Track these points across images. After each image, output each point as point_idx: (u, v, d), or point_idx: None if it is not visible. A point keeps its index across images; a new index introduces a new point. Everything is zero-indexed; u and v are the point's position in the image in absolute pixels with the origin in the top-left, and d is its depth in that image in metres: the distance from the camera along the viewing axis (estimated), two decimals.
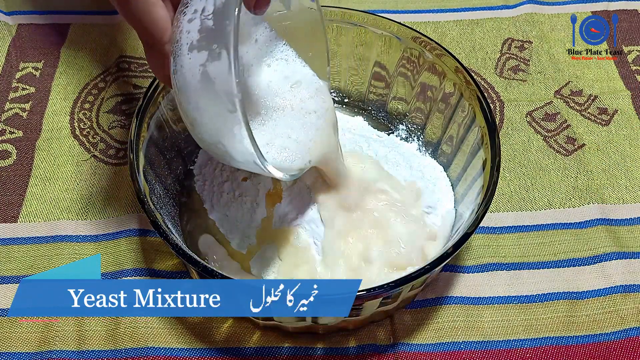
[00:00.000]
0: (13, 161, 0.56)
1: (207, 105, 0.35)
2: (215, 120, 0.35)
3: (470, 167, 0.48)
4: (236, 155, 0.36)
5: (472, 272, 0.50)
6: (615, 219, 0.53)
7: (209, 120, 0.36)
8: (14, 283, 0.49)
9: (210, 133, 0.36)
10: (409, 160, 0.52)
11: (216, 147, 0.37)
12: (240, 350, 0.46)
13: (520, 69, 0.64)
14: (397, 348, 0.47)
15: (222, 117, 0.35)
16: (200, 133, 0.37)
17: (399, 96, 0.56)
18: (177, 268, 0.50)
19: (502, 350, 0.47)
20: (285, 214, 0.48)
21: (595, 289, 0.49)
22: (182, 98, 0.36)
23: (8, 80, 0.62)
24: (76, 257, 0.51)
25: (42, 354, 0.46)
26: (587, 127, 0.60)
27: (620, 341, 0.47)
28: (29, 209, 0.53)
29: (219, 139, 0.36)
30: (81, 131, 0.59)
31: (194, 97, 0.35)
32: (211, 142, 0.37)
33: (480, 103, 0.47)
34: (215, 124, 0.36)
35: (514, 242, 0.52)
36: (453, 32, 0.68)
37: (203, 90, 0.35)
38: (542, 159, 0.57)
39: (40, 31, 0.67)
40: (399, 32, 0.51)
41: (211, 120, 0.36)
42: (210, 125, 0.36)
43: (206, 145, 0.38)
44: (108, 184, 0.55)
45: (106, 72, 0.63)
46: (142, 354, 0.46)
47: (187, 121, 0.37)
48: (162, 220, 0.42)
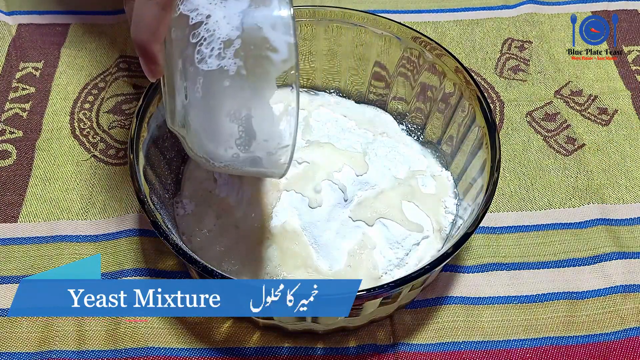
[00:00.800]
0: (13, 161, 0.56)
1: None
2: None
3: (470, 167, 0.48)
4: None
5: (472, 272, 0.50)
6: (615, 219, 0.53)
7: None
8: (14, 283, 0.49)
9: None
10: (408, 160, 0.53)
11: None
12: (240, 350, 0.46)
13: (520, 69, 0.64)
14: (397, 348, 0.47)
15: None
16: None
17: (399, 96, 0.56)
18: (177, 268, 0.50)
19: (502, 350, 0.47)
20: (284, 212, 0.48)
21: (595, 289, 0.49)
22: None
23: (8, 80, 0.62)
24: (76, 257, 0.51)
25: (42, 354, 0.46)
26: (587, 127, 0.60)
27: (620, 341, 0.47)
28: (29, 209, 0.53)
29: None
30: (81, 131, 0.59)
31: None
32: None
33: (480, 103, 0.47)
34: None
35: (514, 242, 0.52)
36: (453, 32, 0.68)
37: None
38: (542, 159, 0.57)
39: (40, 31, 0.67)
40: (399, 32, 0.51)
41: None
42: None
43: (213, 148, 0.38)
44: (108, 184, 0.55)
45: (106, 72, 0.63)
46: (142, 354, 0.46)
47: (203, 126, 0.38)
48: (162, 220, 0.42)
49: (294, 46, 0.36)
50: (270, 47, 0.36)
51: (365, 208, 0.48)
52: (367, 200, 0.48)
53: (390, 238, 0.47)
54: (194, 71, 0.36)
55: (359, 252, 0.47)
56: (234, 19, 0.36)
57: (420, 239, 0.48)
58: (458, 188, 0.50)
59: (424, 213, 0.49)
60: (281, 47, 0.36)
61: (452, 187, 0.51)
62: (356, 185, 0.49)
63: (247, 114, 0.37)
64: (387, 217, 0.47)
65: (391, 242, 0.47)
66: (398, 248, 0.47)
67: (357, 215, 0.47)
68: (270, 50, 0.36)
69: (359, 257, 0.46)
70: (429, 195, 0.50)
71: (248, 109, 0.37)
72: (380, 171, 0.50)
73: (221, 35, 0.36)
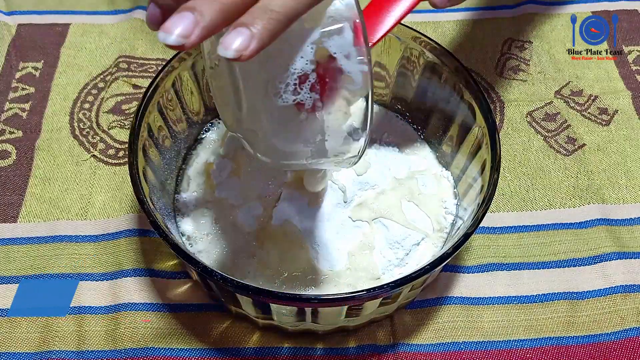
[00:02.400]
0: (13, 161, 0.56)
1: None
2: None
3: (470, 167, 0.48)
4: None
5: (472, 272, 0.50)
6: (616, 219, 0.53)
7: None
8: (14, 283, 0.49)
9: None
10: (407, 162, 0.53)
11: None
12: (240, 350, 0.46)
13: (520, 69, 0.64)
14: (397, 348, 0.47)
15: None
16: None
17: (399, 96, 0.56)
18: (177, 268, 0.50)
19: (502, 350, 0.47)
20: (284, 212, 0.48)
21: (596, 289, 0.49)
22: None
23: (8, 80, 0.62)
24: (76, 257, 0.50)
25: (42, 354, 0.46)
26: (588, 127, 0.60)
27: (620, 341, 0.47)
28: (29, 209, 0.53)
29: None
30: (81, 131, 0.58)
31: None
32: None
33: (480, 103, 0.47)
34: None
35: (514, 242, 0.52)
36: (453, 32, 0.68)
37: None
38: (542, 159, 0.57)
39: (40, 31, 0.66)
40: (399, 32, 0.51)
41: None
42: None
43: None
44: (108, 184, 0.55)
45: (106, 72, 0.63)
46: (142, 354, 0.46)
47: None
48: (161, 220, 0.42)
49: (369, 75, 0.34)
50: (346, 79, 0.34)
51: (365, 208, 0.48)
52: (367, 201, 0.48)
53: (390, 238, 0.47)
54: (269, 103, 0.35)
55: (359, 252, 0.47)
56: (308, 51, 0.34)
57: (420, 239, 0.48)
58: (458, 188, 0.50)
59: (424, 213, 0.49)
60: (356, 78, 0.34)
61: (452, 187, 0.51)
62: (356, 185, 0.49)
63: (320, 139, 0.36)
64: (387, 217, 0.47)
65: (391, 242, 0.47)
66: (398, 248, 0.47)
67: (357, 215, 0.47)
68: (346, 82, 0.35)
69: (359, 257, 0.46)
70: (429, 195, 0.50)
71: (322, 134, 0.36)
72: (380, 171, 0.50)
73: (296, 69, 0.34)
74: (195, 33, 0.28)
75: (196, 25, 0.28)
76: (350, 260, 0.46)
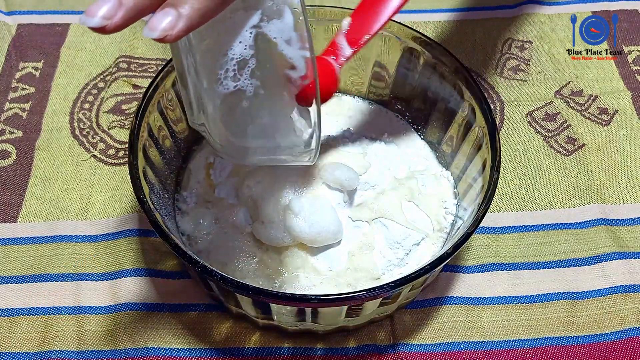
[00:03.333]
0: (13, 161, 0.56)
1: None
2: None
3: (470, 167, 0.48)
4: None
5: (472, 272, 0.50)
6: (616, 219, 0.53)
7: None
8: (14, 283, 0.49)
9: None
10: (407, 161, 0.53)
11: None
12: (240, 350, 0.46)
13: (520, 69, 0.64)
14: (397, 348, 0.47)
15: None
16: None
17: (399, 96, 0.56)
18: (177, 268, 0.50)
19: (502, 350, 0.47)
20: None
21: (596, 289, 0.49)
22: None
23: (8, 80, 0.62)
24: (76, 257, 0.50)
25: (42, 354, 0.46)
26: (588, 127, 0.60)
27: (620, 341, 0.47)
28: (29, 209, 0.53)
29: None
30: (81, 131, 0.58)
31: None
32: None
33: (480, 103, 0.47)
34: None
35: (514, 242, 0.52)
36: (453, 32, 0.68)
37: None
38: (542, 159, 0.57)
39: (40, 31, 0.66)
40: (399, 32, 0.51)
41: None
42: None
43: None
44: (108, 184, 0.55)
45: (106, 72, 0.63)
46: (142, 354, 0.46)
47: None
48: (161, 220, 0.42)
49: (312, 61, 0.33)
50: (287, 64, 0.34)
51: (365, 208, 0.48)
52: (367, 201, 0.48)
53: (390, 238, 0.47)
54: (211, 92, 0.34)
55: (359, 252, 0.46)
56: (246, 36, 0.33)
57: (420, 239, 0.48)
58: (458, 188, 0.50)
59: (424, 213, 0.49)
60: (299, 63, 0.33)
61: (452, 187, 0.51)
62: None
63: (269, 130, 0.35)
64: (387, 217, 0.47)
65: (391, 242, 0.47)
66: (398, 248, 0.47)
67: (357, 215, 0.47)
68: (287, 68, 0.34)
69: (359, 257, 0.46)
70: (429, 195, 0.50)
71: (270, 125, 0.35)
72: (380, 171, 0.50)
73: (234, 55, 0.33)
74: (119, 15, 0.27)
75: (119, 7, 0.27)
76: (350, 260, 0.46)
